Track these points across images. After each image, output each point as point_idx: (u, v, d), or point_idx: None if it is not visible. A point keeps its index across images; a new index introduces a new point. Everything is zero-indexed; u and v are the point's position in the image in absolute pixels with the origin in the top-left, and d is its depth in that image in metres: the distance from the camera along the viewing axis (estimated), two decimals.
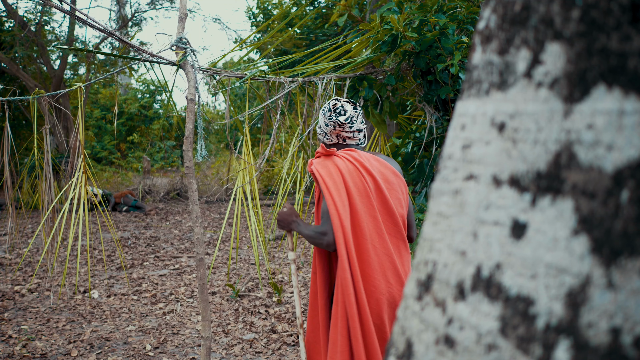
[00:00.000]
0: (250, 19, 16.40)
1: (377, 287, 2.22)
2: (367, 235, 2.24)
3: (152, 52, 3.09)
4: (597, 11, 0.58)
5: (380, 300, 2.22)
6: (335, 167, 2.30)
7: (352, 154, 2.36)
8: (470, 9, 3.41)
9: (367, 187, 2.28)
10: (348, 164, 2.31)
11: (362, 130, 2.44)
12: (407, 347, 0.76)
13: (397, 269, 2.28)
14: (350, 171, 2.29)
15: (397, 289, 2.26)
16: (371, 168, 2.33)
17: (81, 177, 3.54)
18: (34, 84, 12.83)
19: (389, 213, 2.32)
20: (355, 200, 2.25)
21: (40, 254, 7.29)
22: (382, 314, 2.23)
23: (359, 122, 2.40)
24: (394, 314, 2.25)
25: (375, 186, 2.31)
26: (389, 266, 2.26)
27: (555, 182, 0.60)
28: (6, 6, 12.83)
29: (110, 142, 19.11)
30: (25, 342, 4.19)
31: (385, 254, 2.27)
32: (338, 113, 2.37)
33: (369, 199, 2.28)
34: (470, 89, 0.75)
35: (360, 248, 2.24)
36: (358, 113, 2.40)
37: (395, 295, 2.25)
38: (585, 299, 0.56)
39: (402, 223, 2.36)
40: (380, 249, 2.26)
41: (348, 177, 2.27)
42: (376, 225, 2.27)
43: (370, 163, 2.35)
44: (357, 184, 2.28)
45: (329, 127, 2.38)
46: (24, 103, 12.26)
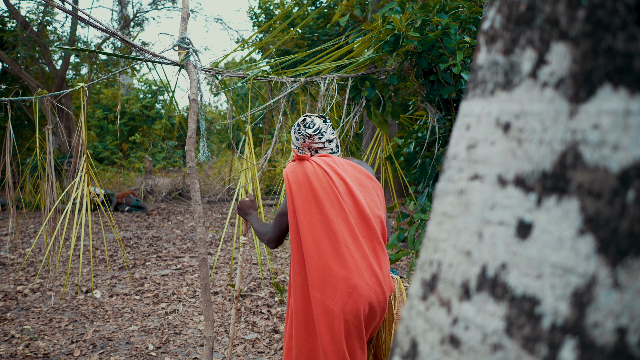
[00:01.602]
0: (252, 19, 16.41)
1: (354, 287, 2.25)
2: (340, 237, 2.28)
3: (154, 52, 3.09)
4: (603, 11, 0.58)
5: (359, 300, 2.25)
6: (303, 172, 2.37)
7: (326, 159, 2.44)
8: (473, 9, 3.41)
9: (336, 191, 2.34)
10: (317, 169, 2.38)
11: (333, 141, 2.54)
12: (412, 346, 0.77)
13: (374, 270, 2.31)
14: (318, 176, 2.35)
15: (374, 290, 2.29)
16: (343, 172, 2.40)
17: (83, 177, 3.54)
18: (36, 84, 12.84)
19: (362, 216, 2.37)
20: (324, 204, 2.31)
21: (42, 254, 7.30)
22: (360, 314, 2.27)
23: (328, 133, 2.50)
24: (372, 313, 2.32)
25: (346, 190, 2.38)
26: (366, 267, 2.30)
27: (561, 182, 0.60)
28: (8, 6, 12.85)
29: (112, 142, 19.13)
30: (28, 342, 4.20)
31: (361, 255, 2.31)
32: (307, 126, 2.47)
33: (339, 202, 2.33)
34: (475, 89, 0.75)
35: (335, 252, 2.28)
36: (327, 125, 2.51)
37: (372, 296, 2.29)
38: (591, 299, 0.56)
39: (379, 225, 2.41)
40: (356, 251, 2.30)
41: (316, 182, 2.34)
42: (349, 228, 2.32)
43: (344, 168, 2.43)
44: (325, 188, 2.34)
45: (300, 140, 2.49)
46: (27, 103, 12.27)
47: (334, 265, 2.27)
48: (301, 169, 2.38)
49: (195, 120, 2.81)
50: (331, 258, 2.28)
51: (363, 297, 2.26)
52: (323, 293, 2.28)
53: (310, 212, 2.32)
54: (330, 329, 2.28)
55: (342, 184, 2.38)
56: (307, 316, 2.37)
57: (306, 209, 2.33)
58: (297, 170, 2.39)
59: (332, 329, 2.28)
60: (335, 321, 2.27)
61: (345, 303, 2.26)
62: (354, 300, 2.25)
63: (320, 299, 2.28)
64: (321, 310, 2.29)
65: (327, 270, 2.27)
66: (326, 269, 2.28)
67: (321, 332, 2.30)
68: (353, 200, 2.37)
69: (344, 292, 2.26)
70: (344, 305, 2.25)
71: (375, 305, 2.30)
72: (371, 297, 2.29)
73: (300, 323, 2.38)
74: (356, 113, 3.84)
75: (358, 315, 2.27)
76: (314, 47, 12.15)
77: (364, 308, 2.28)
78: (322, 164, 2.40)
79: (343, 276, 2.26)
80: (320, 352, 2.34)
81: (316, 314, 2.30)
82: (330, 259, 2.28)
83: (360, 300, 2.26)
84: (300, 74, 3.78)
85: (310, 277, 2.30)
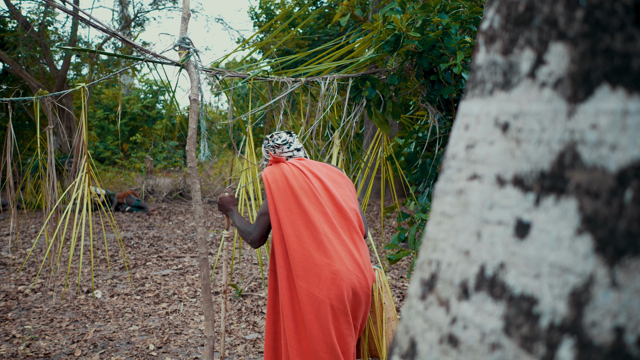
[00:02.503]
0: (253, 19, 16.41)
1: (336, 273, 2.41)
2: (319, 229, 2.46)
3: (155, 53, 3.09)
4: (601, 12, 0.59)
5: (341, 285, 2.41)
6: (280, 173, 2.58)
7: (301, 161, 2.68)
8: (473, 9, 3.41)
9: (313, 187, 2.55)
10: (293, 169, 2.60)
11: (301, 150, 2.79)
12: (411, 346, 0.77)
13: (354, 256, 2.50)
14: (295, 175, 2.57)
15: (356, 275, 2.46)
16: (317, 171, 2.63)
17: (84, 177, 3.55)
18: (37, 84, 12.85)
19: (338, 208, 2.58)
20: (302, 200, 2.50)
21: (43, 254, 7.30)
22: (344, 298, 2.42)
23: (296, 143, 2.77)
24: (356, 298, 2.48)
25: (322, 186, 2.60)
26: (346, 255, 2.48)
27: (559, 181, 0.60)
28: (9, 7, 12.86)
29: (113, 142, 19.14)
30: (29, 342, 4.20)
31: (341, 244, 2.49)
32: (274, 140, 2.74)
33: (316, 197, 2.53)
34: (474, 89, 0.75)
35: (316, 242, 2.45)
36: (294, 137, 2.78)
37: (354, 280, 2.45)
38: (589, 298, 0.57)
39: (354, 217, 2.62)
40: (335, 240, 2.49)
41: (293, 180, 2.54)
42: (327, 220, 2.51)
43: (317, 168, 2.67)
44: (302, 185, 2.55)
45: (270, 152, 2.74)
46: (27, 103, 12.27)
47: (315, 255, 2.44)
48: (278, 170, 2.59)
49: (196, 120, 2.81)
50: (312, 248, 2.44)
51: (345, 282, 2.42)
52: (307, 281, 2.43)
53: (289, 208, 2.50)
54: (317, 315, 2.41)
55: (317, 181, 2.59)
56: (294, 306, 2.50)
57: (286, 205, 2.51)
58: (274, 171, 2.59)
59: (319, 316, 2.41)
60: (322, 307, 2.40)
61: (329, 289, 2.40)
62: (337, 285, 2.41)
63: (306, 288, 2.42)
64: (307, 298, 2.42)
65: (310, 260, 2.43)
66: (309, 259, 2.44)
67: (308, 320, 2.42)
68: (329, 195, 2.58)
69: (327, 278, 2.41)
70: (328, 290, 2.40)
71: (358, 289, 2.46)
72: (353, 281, 2.45)
73: (288, 314, 2.49)
74: (357, 113, 3.84)
75: (342, 299, 2.42)
76: (314, 47, 12.15)
77: (347, 292, 2.43)
78: (297, 165, 2.63)
79: (325, 264, 2.42)
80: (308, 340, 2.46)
81: (303, 303, 2.43)
82: (312, 249, 2.44)
83: (343, 285, 2.41)
84: (301, 74, 3.78)
85: (295, 268, 2.45)
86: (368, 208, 11.36)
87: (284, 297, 2.49)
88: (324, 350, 2.41)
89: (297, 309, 2.48)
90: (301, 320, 2.47)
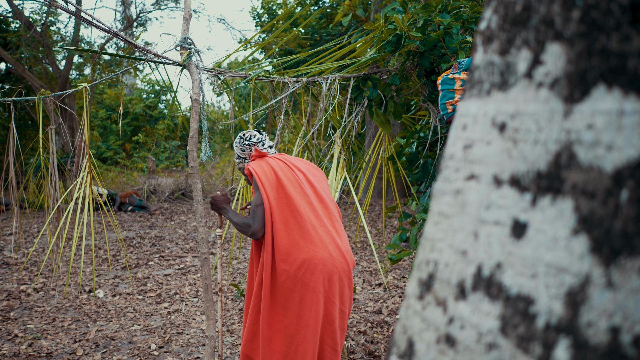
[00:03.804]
0: (255, 19, 16.42)
1: (320, 260, 2.60)
2: (305, 217, 2.64)
3: (156, 53, 3.10)
4: (597, 12, 0.59)
5: (324, 270, 2.60)
6: (268, 166, 2.75)
7: (281, 156, 2.87)
8: (475, 9, 3.41)
9: (298, 179, 2.75)
10: (279, 162, 2.79)
11: (273, 147, 2.97)
12: (409, 346, 0.77)
13: (337, 243, 2.69)
14: (281, 168, 2.76)
15: (339, 261, 2.66)
16: (299, 165, 2.86)
17: (86, 177, 3.55)
18: (39, 84, 12.87)
19: (320, 199, 2.79)
20: (289, 190, 2.68)
21: (45, 253, 7.32)
22: (327, 282, 2.62)
23: (268, 141, 2.94)
24: (340, 282, 2.67)
25: (305, 179, 2.80)
26: (330, 241, 2.67)
27: (556, 182, 0.61)
28: (12, 7, 12.89)
29: (115, 142, 19.17)
30: (31, 341, 4.21)
31: (325, 231, 2.68)
32: (248, 138, 2.88)
33: (302, 188, 2.74)
34: (471, 89, 0.76)
35: (302, 230, 2.63)
36: (265, 136, 2.95)
37: (338, 266, 2.65)
38: (585, 298, 0.57)
39: (334, 207, 2.85)
40: (320, 228, 2.67)
41: (280, 173, 2.72)
42: (312, 209, 2.70)
43: (298, 162, 2.88)
44: (289, 177, 2.74)
45: (246, 150, 2.88)
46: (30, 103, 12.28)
47: (301, 241, 2.61)
48: (265, 163, 2.77)
49: (198, 120, 2.81)
50: (298, 235, 2.62)
51: (328, 267, 2.61)
52: (291, 265, 2.60)
53: (278, 197, 2.68)
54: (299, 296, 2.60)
55: (300, 174, 2.80)
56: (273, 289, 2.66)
57: (275, 195, 2.68)
58: (261, 164, 2.76)
59: (301, 297, 2.60)
60: (305, 290, 2.59)
61: (312, 273, 2.59)
62: (321, 270, 2.59)
63: (289, 270, 2.60)
64: (290, 280, 2.60)
65: (295, 246, 2.61)
66: (294, 245, 2.61)
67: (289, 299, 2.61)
68: (311, 186, 2.80)
69: (310, 264, 2.59)
70: (312, 275, 2.58)
71: (342, 274, 2.67)
72: (337, 266, 2.64)
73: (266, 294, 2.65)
74: (358, 113, 3.84)
75: (325, 283, 2.61)
76: (316, 47, 12.14)
77: (330, 276, 2.62)
78: (281, 159, 2.83)
79: (310, 250, 2.60)
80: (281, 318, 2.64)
81: (285, 285, 2.61)
82: (298, 236, 2.62)
83: (325, 270, 2.60)
84: (303, 74, 3.78)
85: (280, 253, 2.61)
86: (370, 208, 11.35)
87: (265, 280, 2.63)
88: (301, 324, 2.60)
89: (276, 291, 2.64)
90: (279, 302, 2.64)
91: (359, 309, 4.98)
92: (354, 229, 9.12)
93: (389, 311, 4.85)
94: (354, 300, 5.23)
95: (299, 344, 2.61)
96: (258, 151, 2.84)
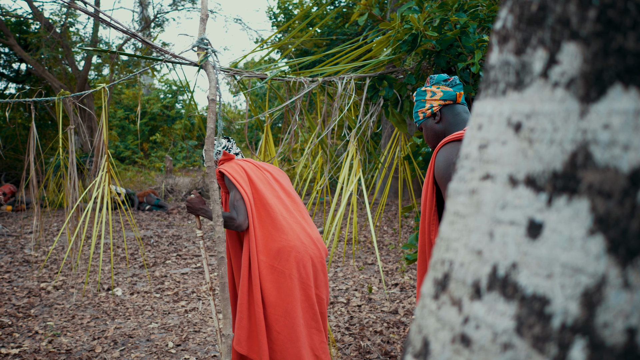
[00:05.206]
0: (271, 19, 16.45)
1: (293, 247, 2.81)
2: (276, 211, 2.88)
3: (174, 53, 3.12)
4: (614, 11, 0.58)
5: (298, 257, 2.81)
6: (238, 166, 3.00)
7: (248, 160, 3.14)
8: (491, 7, 3.39)
9: (266, 177, 3.04)
10: (247, 164, 3.05)
11: (239, 153, 3.26)
12: (424, 345, 0.77)
13: (307, 232, 2.93)
14: (251, 168, 3.03)
15: (311, 248, 2.89)
16: (264, 166, 3.15)
17: (105, 176, 3.59)
18: (59, 84, 13.04)
19: (287, 194, 3.07)
20: (260, 188, 2.93)
21: (65, 251, 7.41)
22: (300, 268, 2.82)
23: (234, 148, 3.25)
24: (314, 269, 2.89)
25: (272, 177, 3.09)
26: (301, 231, 2.90)
27: (571, 182, 0.60)
28: (32, 9, 13.07)
29: (133, 141, 19.33)
30: (51, 338, 4.27)
31: (295, 222, 2.93)
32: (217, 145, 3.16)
33: (270, 185, 3.02)
34: (487, 89, 0.75)
35: (274, 222, 2.85)
36: (232, 143, 3.26)
37: (310, 252, 2.87)
38: (601, 299, 0.56)
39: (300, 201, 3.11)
40: (290, 219, 2.92)
41: (251, 172, 2.98)
42: (282, 203, 2.97)
43: (263, 164, 3.18)
44: (258, 176, 3.00)
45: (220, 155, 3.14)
46: (50, 104, 12.45)
47: (274, 232, 2.83)
48: (236, 164, 3.01)
49: (214, 120, 2.83)
50: (271, 227, 2.84)
51: (301, 254, 2.83)
52: (268, 255, 2.81)
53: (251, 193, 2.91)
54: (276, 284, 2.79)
55: (267, 173, 3.10)
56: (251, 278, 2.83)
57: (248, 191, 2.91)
58: (232, 165, 3.00)
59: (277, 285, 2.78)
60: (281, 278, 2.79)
61: (287, 260, 2.79)
62: (294, 258, 2.80)
63: (266, 261, 2.80)
64: (267, 269, 2.80)
65: (270, 237, 2.82)
66: (268, 236, 2.83)
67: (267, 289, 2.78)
68: (278, 183, 3.09)
69: (284, 252, 2.80)
70: (287, 262, 2.79)
71: (315, 260, 2.89)
72: (309, 253, 2.86)
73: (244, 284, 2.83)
74: (374, 113, 3.84)
75: (300, 269, 2.82)
76: (332, 46, 12.15)
77: (304, 264, 2.83)
78: (249, 161, 3.12)
79: (283, 239, 2.81)
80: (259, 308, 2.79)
81: (263, 274, 2.80)
82: (271, 227, 2.84)
83: (299, 257, 2.82)
84: (318, 74, 3.79)
85: (257, 244, 2.82)
86: (386, 208, 11.33)
87: (244, 269, 2.83)
88: (279, 313, 2.77)
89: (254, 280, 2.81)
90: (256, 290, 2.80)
91: (375, 309, 4.97)
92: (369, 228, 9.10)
93: (405, 311, 4.84)
94: (369, 300, 5.23)
95: (279, 333, 2.78)
96: (226, 154, 3.09)
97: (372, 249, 7.55)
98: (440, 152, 2.16)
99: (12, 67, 15.75)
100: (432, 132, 2.37)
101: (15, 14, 14.07)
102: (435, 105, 2.34)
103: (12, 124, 11.28)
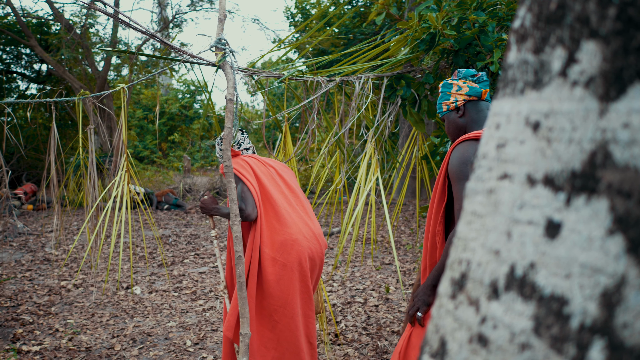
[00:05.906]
0: (289, 18, 16.49)
1: (295, 241, 2.91)
2: (280, 205, 2.98)
3: (192, 53, 3.14)
4: (634, 9, 0.58)
5: (300, 251, 2.91)
6: (245, 162, 3.09)
7: (254, 156, 3.23)
8: (510, 6, 3.36)
9: (271, 173, 3.14)
10: (253, 160, 3.15)
11: (250, 148, 3.32)
12: (441, 345, 0.77)
13: (310, 227, 3.04)
14: (256, 164, 3.12)
15: (312, 243, 2.99)
16: (270, 162, 3.24)
17: (124, 175, 3.63)
18: (79, 85, 13.19)
19: (291, 190, 3.17)
20: (265, 183, 3.02)
21: (85, 250, 7.50)
22: (302, 262, 2.92)
23: (246, 143, 3.31)
24: (312, 262, 2.99)
25: (276, 173, 3.19)
26: (303, 226, 3.00)
27: (590, 181, 0.60)
28: (53, 10, 13.24)
29: (152, 141, 19.50)
30: (71, 336, 4.33)
31: (298, 217, 3.03)
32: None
33: (275, 180, 3.12)
34: (505, 88, 0.75)
35: (278, 215, 2.95)
36: (245, 137, 3.31)
37: (312, 247, 2.98)
38: (621, 299, 0.56)
39: (304, 197, 3.21)
40: (293, 214, 3.02)
41: (256, 168, 3.07)
42: (285, 198, 3.07)
43: (268, 160, 3.26)
44: (263, 172, 3.10)
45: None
46: (70, 104, 12.61)
47: (277, 226, 2.93)
48: (242, 160, 3.10)
49: (232, 120, 2.84)
50: (275, 220, 2.94)
51: (303, 248, 2.92)
52: (271, 248, 2.90)
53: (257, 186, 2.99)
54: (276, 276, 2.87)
55: (272, 169, 3.19)
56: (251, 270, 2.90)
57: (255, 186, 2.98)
58: (238, 161, 3.09)
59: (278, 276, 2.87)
60: (282, 269, 2.88)
61: (289, 253, 2.89)
62: (296, 251, 2.90)
63: (269, 253, 2.90)
64: (270, 261, 2.89)
65: (273, 230, 2.92)
66: (272, 229, 2.93)
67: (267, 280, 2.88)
68: (282, 179, 3.19)
69: (286, 245, 2.89)
70: (288, 255, 2.89)
71: (315, 255, 2.99)
72: (310, 247, 2.96)
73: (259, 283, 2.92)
74: (392, 112, 3.83)
75: (300, 262, 2.91)
76: (349, 46, 12.13)
77: (304, 257, 2.92)
78: (254, 157, 3.19)
79: (286, 233, 2.91)
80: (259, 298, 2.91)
81: (265, 266, 2.89)
82: (274, 221, 2.94)
83: (300, 251, 2.91)
84: (336, 74, 3.79)
85: (262, 237, 2.91)
86: (404, 208, 11.29)
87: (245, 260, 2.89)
88: (278, 304, 2.89)
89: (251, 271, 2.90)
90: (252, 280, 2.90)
91: (392, 309, 4.96)
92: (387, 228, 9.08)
93: None
94: (386, 300, 5.21)
95: (277, 322, 2.90)
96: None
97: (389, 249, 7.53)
98: (457, 148, 2.16)
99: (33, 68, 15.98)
100: (454, 125, 2.37)
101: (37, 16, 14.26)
102: (459, 99, 2.33)
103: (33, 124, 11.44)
